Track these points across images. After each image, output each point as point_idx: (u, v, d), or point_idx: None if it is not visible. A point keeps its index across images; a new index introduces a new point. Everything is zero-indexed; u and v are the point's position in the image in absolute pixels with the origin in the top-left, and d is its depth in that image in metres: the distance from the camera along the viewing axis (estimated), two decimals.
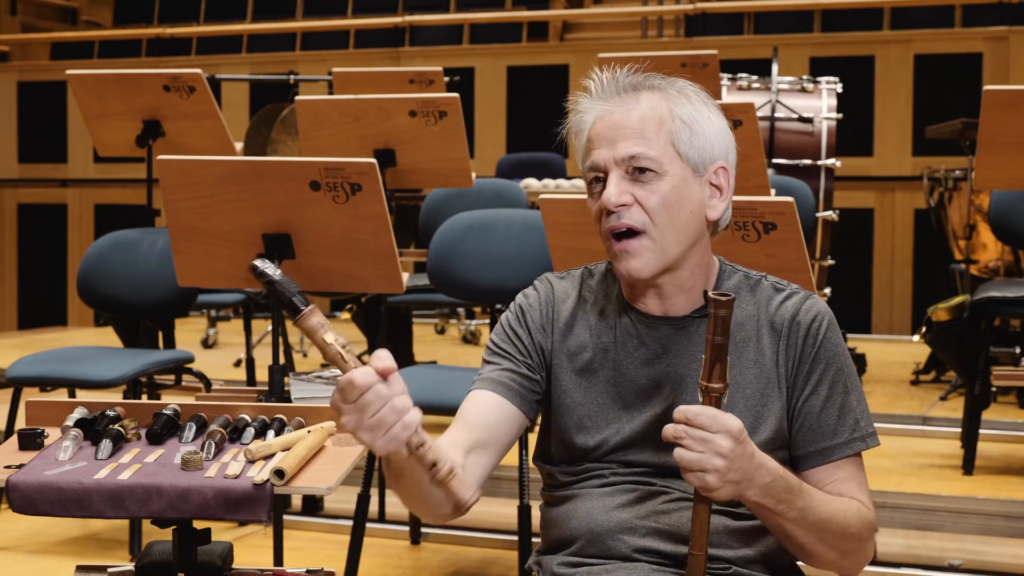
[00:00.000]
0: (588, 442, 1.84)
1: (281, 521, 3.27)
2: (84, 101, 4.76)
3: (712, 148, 1.82)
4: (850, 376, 1.83)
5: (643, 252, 1.78)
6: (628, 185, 1.78)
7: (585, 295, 1.91)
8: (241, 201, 3.15)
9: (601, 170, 1.81)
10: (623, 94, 1.83)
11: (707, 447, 1.61)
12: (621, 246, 1.78)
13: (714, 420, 1.61)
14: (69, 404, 2.15)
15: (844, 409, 1.80)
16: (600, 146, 1.81)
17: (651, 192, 1.78)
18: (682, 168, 1.80)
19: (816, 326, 1.81)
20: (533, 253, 3.56)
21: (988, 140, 3.95)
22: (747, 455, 1.63)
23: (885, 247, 7.84)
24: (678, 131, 1.80)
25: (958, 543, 3.72)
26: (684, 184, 1.80)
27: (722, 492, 1.63)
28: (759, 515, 1.73)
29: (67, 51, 10.69)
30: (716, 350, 1.61)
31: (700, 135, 1.81)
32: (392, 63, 8.85)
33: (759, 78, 5.71)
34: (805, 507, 1.71)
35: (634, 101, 1.81)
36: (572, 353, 1.87)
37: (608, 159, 1.80)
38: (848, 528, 1.76)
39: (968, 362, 4.43)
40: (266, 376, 3.25)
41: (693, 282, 1.84)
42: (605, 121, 1.82)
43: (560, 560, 1.83)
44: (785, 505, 1.69)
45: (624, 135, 1.79)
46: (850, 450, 1.80)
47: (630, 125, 1.79)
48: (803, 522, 1.72)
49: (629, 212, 1.78)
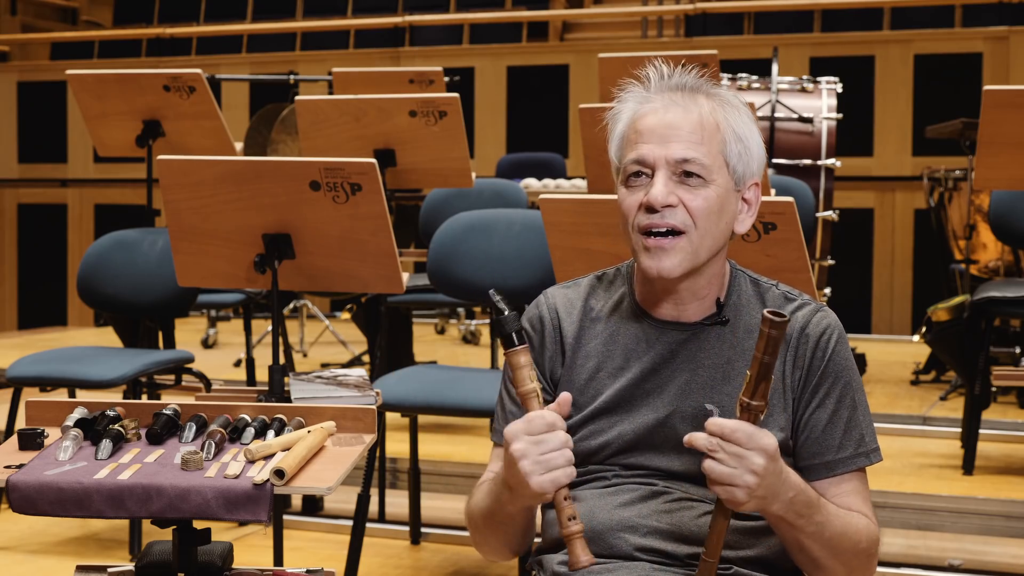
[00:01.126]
0: (591, 445, 1.84)
1: (281, 521, 3.27)
2: (84, 101, 4.76)
3: (753, 164, 1.83)
4: (858, 391, 1.83)
5: (677, 252, 1.78)
6: (674, 186, 1.78)
7: (592, 303, 1.91)
8: (241, 201, 3.15)
9: (648, 165, 1.79)
10: (680, 93, 1.82)
11: (740, 464, 1.61)
12: (656, 242, 1.78)
13: (751, 438, 1.61)
14: (69, 404, 2.15)
15: (850, 424, 1.80)
16: (650, 141, 1.79)
17: (696, 196, 1.77)
18: (727, 179, 1.80)
19: (826, 339, 1.81)
20: (533, 253, 3.56)
21: (988, 140, 3.95)
22: (777, 472, 1.64)
23: (885, 247, 7.83)
24: (730, 142, 1.80)
25: (958, 543, 3.72)
26: (726, 195, 1.80)
27: (748, 506, 1.64)
28: (777, 528, 1.74)
29: (67, 51, 10.69)
30: (763, 369, 1.61)
31: (748, 150, 1.82)
32: (392, 63, 8.85)
33: (759, 78, 5.71)
34: (823, 521, 1.72)
35: (692, 103, 1.80)
36: (581, 364, 1.88)
37: (659, 157, 1.78)
38: (859, 544, 1.77)
39: (968, 362, 4.43)
40: (266, 376, 3.25)
41: (708, 290, 1.84)
42: (659, 117, 1.80)
43: (561, 559, 1.83)
44: (805, 520, 1.70)
45: (679, 136, 1.78)
46: (854, 465, 1.80)
47: (686, 127, 1.78)
48: (819, 536, 1.72)
49: (674, 212, 1.77)
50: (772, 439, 1.62)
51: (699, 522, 1.78)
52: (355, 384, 2.87)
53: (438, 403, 3.29)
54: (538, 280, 3.41)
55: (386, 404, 3.24)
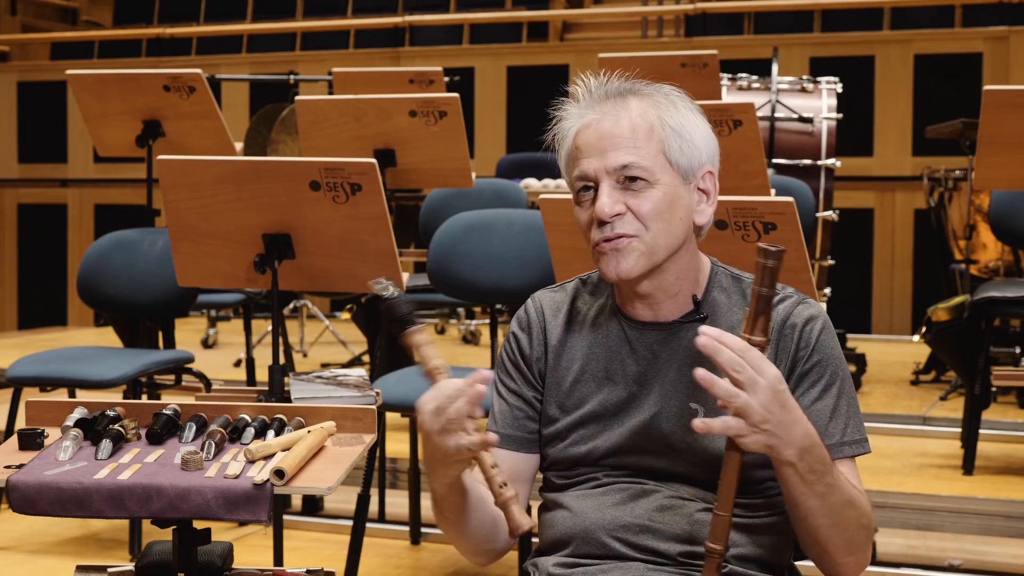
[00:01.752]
0: (579, 449, 1.85)
1: (281, 521, 3.27)
2: (84, 101, 4.76)
3: (700, 154, 1.82)
4: (844, 380, 1.81)
5: (631, 252, 1.77)
6: (620, 194, 1.78)
7: (579, 306, 1.91)
8: (241, 201, 3.15)
9: (591, 179, 1.79)
10: (610, 101, 1.82)
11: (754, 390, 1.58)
12: (609, 245, 1.77)
13: (761, 366, 1.59)
14: (69, 404, 2.15)
15: (835, 412, 1.79)
16: (590, 155, 1.79)
17: (643, 200, 1.77)
18: (672, 176, 1.79)
19: (809, 329, 1.80)
20: (533, 253, 3.56)
21: (988, 140, 3.95)
22: (787, 406, 1.61)
23: (885, 247, 7.84)
24: (668, 139, 1.79)
25: (958, 543, 3.72)
26: (674, 191, 1.79)
27: (756, 441, 1.60)
28: (787, 483, 1.68)
29: (67, 51, 10.69)
30: (761, 302, 1.61)
31: (689, 142, 1.80)
32: (392, 63, 8.85)
33: (759, 78, 5.71)
34: (833, 484, 1.68)
35: (623, 108, 1.80)
36: (565, 367, 1.88)
37: (599, 168, 1.78)
38: (861, 518, 1.74)
39: (968, 362, 4.43)
40: (266, 376, 3.25)
41: (680, 287, 1.83)
42: (593, 129, 1.80)
43: (556, 561, 1.83)
44: (816, 476, 1.66)
45: (615, 144, 1.78)
46: (840, 453, 1.78)
47: (621, 134, 1.78)
48: (827, 500, 1.68)
49: (622, 221, 1.77)
50: (776, 370, 1.60)
51: (692, 520, 1.78)
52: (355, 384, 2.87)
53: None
54: (538, 280, 3.41)
55: (386, 404, 3.24)
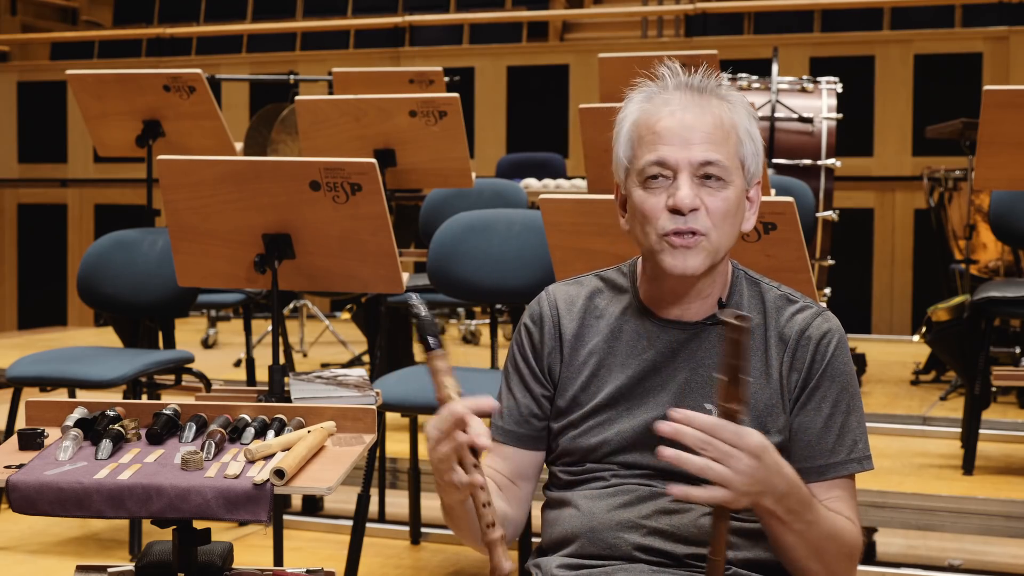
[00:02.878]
0: (590, 442, 1.84)
1: (281, 521, 3.27)
2: (84, 101, 4.76)
3: (759, 163, 1.85)
4: (854, 397, 1.82)
5: (700, 251, 1.77)
6: (696, 188, 1.77)
7: (596, 300, 1.91)
8: (241, 201, 3.15)
9: (670, 168, 1.78)
10: (695, 93, 1.82)
11: (731, 463, 1.58)
12: (682, 241, 1.77)
13: (738, 436, 1.58)
14: (69, 404, 2.15)
15: (844, 429, 1.80)
16: (671, 143, 1.78)
17: (718, 199, 1.78)
18: (742, 180, 1.81)
19: (826, 343, 1.81)
20: (533, 253, 3.56)
21: (988, 140, 3.95)
22: (769, 466, 1.61)
23: (885, 247, 7.83)
24: (744, 143, 1.81)
25: (958, 543, 3.72)
26: (741, 196, 1.82)
27: (740, 503, 1.62)
28: (765, 523, 1.72)
29: (67, 51, 10.69)
30: (731, 371, 1.58)
31: (757, 150, 1.83)
32: (392, 63, 8.85)
33: (759, 78, 5.71)
34: (813, 520, 1.70)
35: (707, 104, 1.81)
36: (581, 362, 1.88)
37: (681, 159, 1.77)
38: (842, 548, 1.76)
39: (968, 362, 4.43)
40: (266, 376, 3.25)
41: (711, 289, 1.84)
42: (677, 119, 1.79)
43: (559, 562, 1.83)
44: (794, 516, 1.68)
45: (699, 138, 1.78)
46: (845, 470, 1.79)
47: (704, 129, 1.78)
48: (806, 535, 1.70)
49: (696, 217, 1.77)
50: (758, 437, 1.60)
51: (699, 523, 1.78)
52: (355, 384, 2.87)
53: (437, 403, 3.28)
54: (538, 280, 3.41)
55: (386, 404, 3.24)
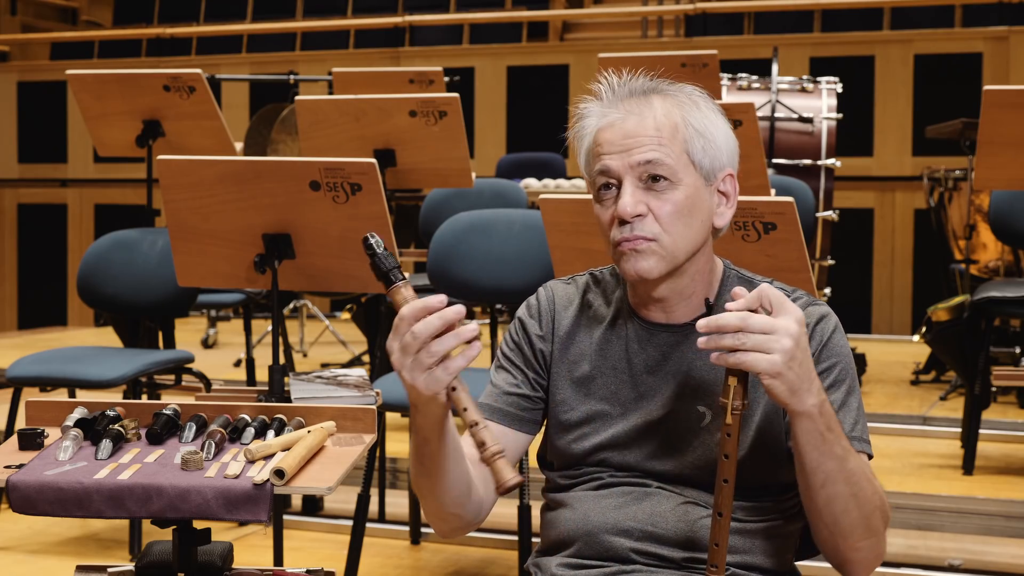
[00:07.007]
0: (584, 446, 1.84)
1: (281, 521, 3.27)
2: (84, 101, 4.76)
3: (722, 155, 1.80)
4: (853, 379, 1.81)
5: (651, 255, 1.76)
6: (642, 194, 1.76)
7: (589, 300, 1.91)
8: (241, 201, 3.15)
9: (614, 177, 1.77)
10: (634, 99, 1.80)
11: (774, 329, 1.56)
12: (630, 245, 1.76)
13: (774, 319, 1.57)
14: (69, 404, 2.15)
15: (844, 407, 1.77)
16: (612, 152, 1.77)
17: (665, 202, 1.75)
18: (695, 177, 1.78)
19: (821, 327, 1.79)
20: (533, 253, 3.56)
21: (988, 140, 3.95)
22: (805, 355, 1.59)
23: (885, 247, 7.84)
24: (692, 139, 1.78)
25: (958, 543, 3.72)
26: (696, 193, 1.78)
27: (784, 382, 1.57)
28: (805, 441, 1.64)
29: (67, 51, 10.69)
30: (739, 373, 1.60)
31: (712, 143, 1.79)
32: (392, 63, 8.85)
33: (759, 78, 5.71)
34: (849, 449, 1.67)
35: (647, 107, 1.79)
36: (572, 361, 1.87)
37: (622, 166, 1.76)
38: (876, 497, 1.72)
39: (968, 362, 4.43)
40: (266, 376, 3.25)
41: (694, 289, 1.83)
42: (617, 128, 1.78)
43: (559, 562, 1.83)
44: (834, 436, 1.64)
45: (639, 142, 1.76)
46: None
47: (645, 132, 1.76)
48: (845, 464, 1.65)
49: (643, 223, 1.75)
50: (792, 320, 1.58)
51: (696, 525, 1.77)
52: (355, 384, 2.87)
53: None
54: (538, 280, 3.38)
55: (386, 404, 3.24)
